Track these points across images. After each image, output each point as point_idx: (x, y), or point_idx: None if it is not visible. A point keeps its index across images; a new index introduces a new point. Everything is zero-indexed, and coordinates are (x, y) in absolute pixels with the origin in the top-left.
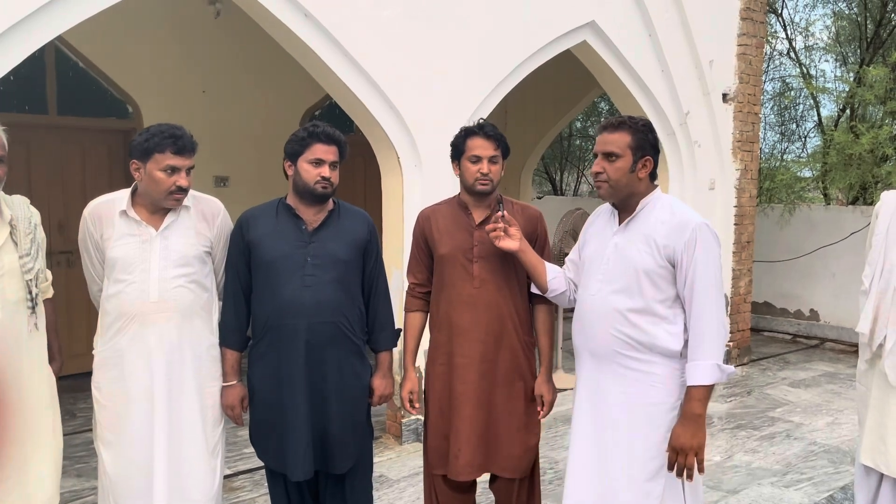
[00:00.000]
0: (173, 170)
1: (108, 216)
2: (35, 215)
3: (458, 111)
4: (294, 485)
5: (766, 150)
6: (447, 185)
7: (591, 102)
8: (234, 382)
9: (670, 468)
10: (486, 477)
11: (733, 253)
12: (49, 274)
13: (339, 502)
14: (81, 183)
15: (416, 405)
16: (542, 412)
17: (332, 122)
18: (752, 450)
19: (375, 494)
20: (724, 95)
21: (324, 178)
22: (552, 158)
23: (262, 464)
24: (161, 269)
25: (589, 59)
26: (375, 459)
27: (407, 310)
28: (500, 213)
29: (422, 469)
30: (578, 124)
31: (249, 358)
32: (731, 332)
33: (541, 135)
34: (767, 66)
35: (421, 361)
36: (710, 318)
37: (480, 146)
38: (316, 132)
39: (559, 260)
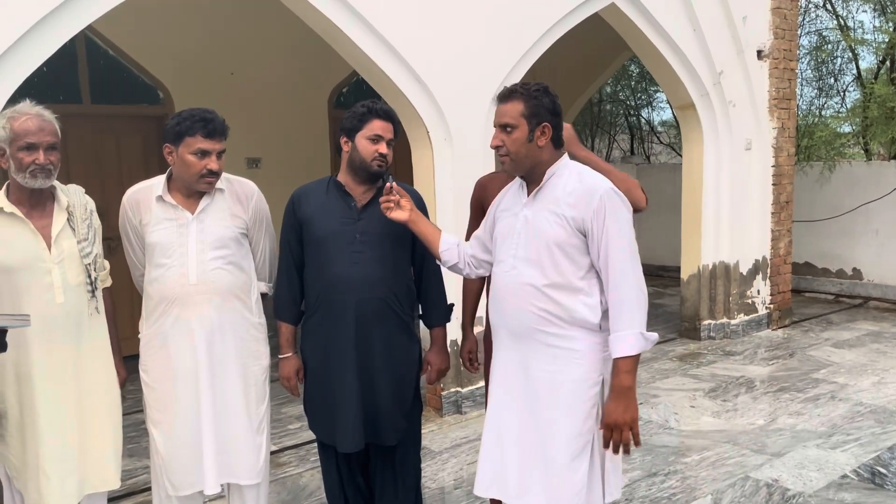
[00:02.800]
0: (204, 153)
1: (146, 202)
2: (90, 202)
3: (486, 81)
4: (343, 457)
5: (804, 107)
6: (478, 158)
7: (621, 66)
8: (290, 354)
9: (606, 445)
10: None
11: (772, 214)
12: (106, 263)
13: (388, 475)
14: (118, 170)
15: (476, 364)
16: None
17: (359, 98)
18: (796, 412)
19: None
20: (759, 52)
21: (381, 155)
22: (583, 125)
23: (307, 439)
24: (198, 251)
25: (618, 22)
26: None
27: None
28: (388, 184)
29: (463, 440)
30: (609, 89)
31: (302, 331)
32: (771, 295)
33: (571, 101)
34: (803, 20)
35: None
36: (628, 286)
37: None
38: (375, 108)
39: None
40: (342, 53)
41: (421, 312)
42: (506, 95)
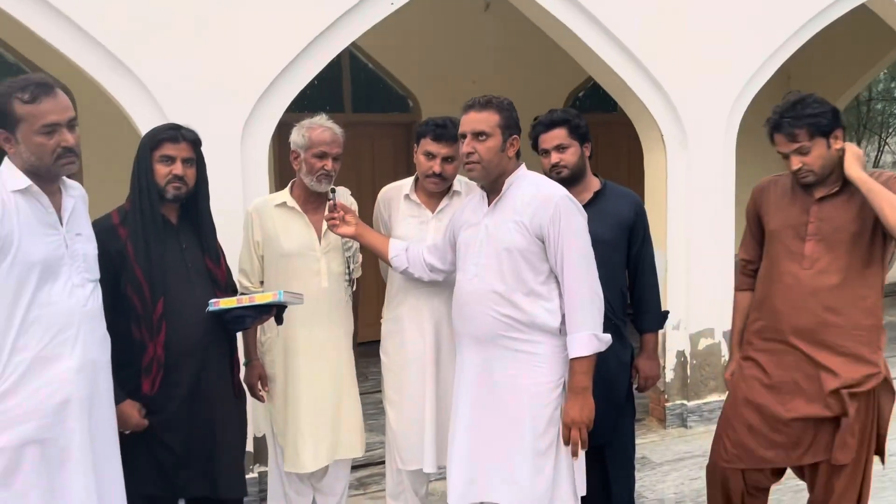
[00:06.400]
0: (430, 155)
1: (395, 199)
2: (354, 203)
3: (729, 81)
4: None
5: None
6: (716, 164)
7: (894, 61)
8: None
9: (566, 443)
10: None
11: None
12: (360, 257)
13: (597, 475)
14: (371, 172)
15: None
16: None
17: (595, 102)
18: None
19: (638, 475)
20: None
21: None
22: (848, 126)
23: None
24: None
25: (889, 13)
26: (638, 441)
27: (736, 288)
28: (332, 201)
29: (686, 455)
30: (881, 85)
31: None
32: None
33: (832, 100)
34: None
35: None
36: (582, 289)
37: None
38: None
39: None
40: (577, 58)
41: (633, 316)
42: (482, 104)
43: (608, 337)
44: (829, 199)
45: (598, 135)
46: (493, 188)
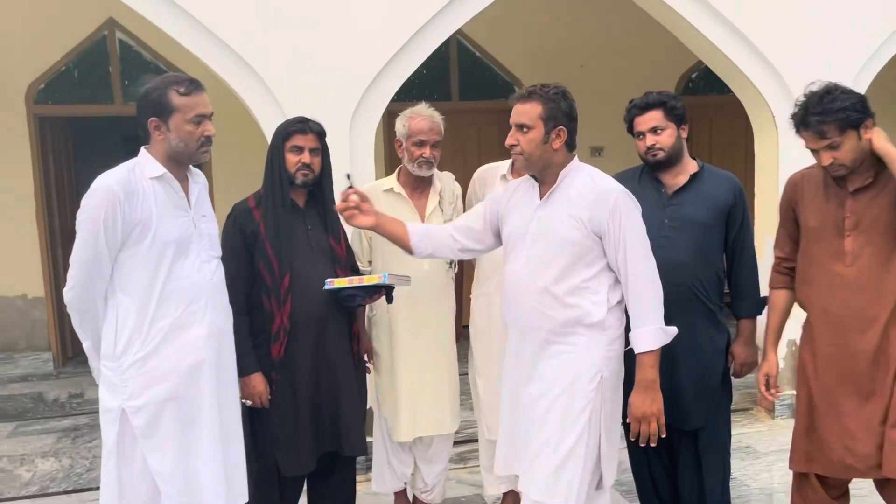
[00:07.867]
0: None
1: (491, 179)
2: (457, 188)
3: (847, 59)
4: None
5: None
6: None
7: None
8: None
9: (633, 437)
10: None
11: None
12: None
13: (691, 459)
14: (477, 158)
15: (773, 391)
16: None
17: (709, 84)
18: None
19: (742, 464)
20: None
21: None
22: None
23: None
24: None
25: None
26: (744, 430)
27: (771, 286)
28: (349, 190)
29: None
30: None
31: None
32: None
33: None
34: None
35: None
36: (645, 285)
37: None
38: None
39: None
40: (685, 42)
41: (731, 302)
42: (524, 96)
43: (674, 329)
44: (862, 191)
45: (712, 116)
46: (544, 179)
